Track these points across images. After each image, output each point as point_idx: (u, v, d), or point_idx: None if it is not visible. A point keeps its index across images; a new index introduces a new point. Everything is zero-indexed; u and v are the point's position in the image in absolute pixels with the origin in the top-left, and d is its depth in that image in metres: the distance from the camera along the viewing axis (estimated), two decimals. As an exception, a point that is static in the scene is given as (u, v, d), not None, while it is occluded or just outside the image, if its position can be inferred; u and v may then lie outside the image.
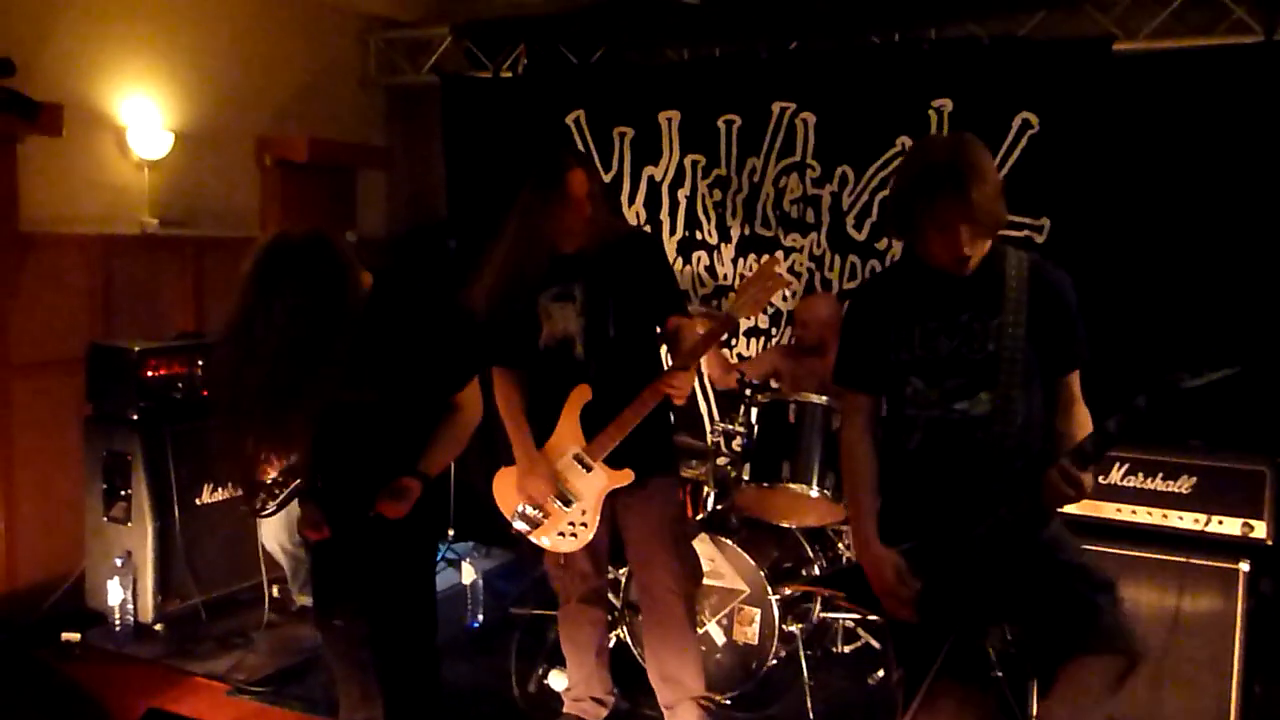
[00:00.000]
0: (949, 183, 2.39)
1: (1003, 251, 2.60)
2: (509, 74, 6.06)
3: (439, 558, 5.55)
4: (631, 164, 5.66)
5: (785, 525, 4.25)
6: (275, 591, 4.97)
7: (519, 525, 3.56)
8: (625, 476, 3.40)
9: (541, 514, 3.51)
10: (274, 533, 4.73)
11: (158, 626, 4.54)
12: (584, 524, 3.48)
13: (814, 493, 3.93)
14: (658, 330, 3.51)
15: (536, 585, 5.06)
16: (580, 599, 3.66)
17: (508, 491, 3.58)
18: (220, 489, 4.78)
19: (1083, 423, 2.58)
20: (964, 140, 2.49)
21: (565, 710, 3.81)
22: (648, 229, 5.53)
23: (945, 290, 2.59)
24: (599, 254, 3.39)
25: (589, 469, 3.42)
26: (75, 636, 4.41)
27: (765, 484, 4.04)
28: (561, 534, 3.52)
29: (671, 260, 5.44)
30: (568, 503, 3.47)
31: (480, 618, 4.76)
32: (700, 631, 3.96)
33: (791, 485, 4.00)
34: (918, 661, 2.57)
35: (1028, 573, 2.50)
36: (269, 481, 3.72)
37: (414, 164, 6.67)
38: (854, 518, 2.74)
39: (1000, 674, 3.50)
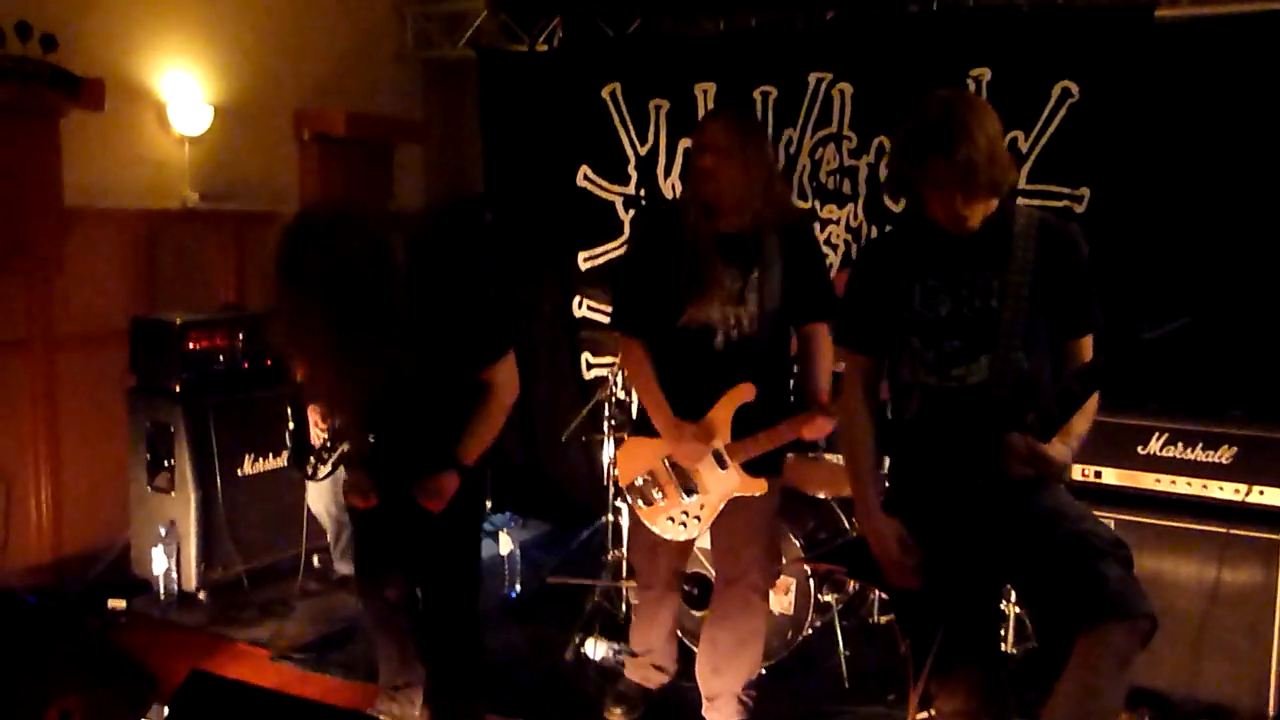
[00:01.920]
0: (938, 144, 2.34)
1: (1011, 209, 2.52)
2: (545, 47, 6.07)
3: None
4: (668, 136, 5.65)
5: (822, 496, 4.26)
6: (316, 560, 5.06)
7: (634, 499, 3.49)
8: (758, 486, 3.29)
9: (660, 494, 3.43)
10: (320, 495, 4.75)
11: (201, 594, 4.63)
12: (698, 518, 3.39)
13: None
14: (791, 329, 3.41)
15: (573, 555, 5.12)
16: (661, 584, 3.58)
17: (633, 460, 3.49)
18: (261, 459, 4.84)
19: None
20: (957, 99, 2.42)
21: (627, 674, 3.78)
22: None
23: (948, 248, 2.52)
24: (761, 241, 3.23)
25: (724, 467, 3.32)
26: (121, 604, 4.50)
27: (803, 455, 4.05)
28: (672, 519, 3.42)
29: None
30: (690, 492, 3.38)
31: (518, 588, 4.81)
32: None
33: (828, 456, 4.02)
34: (924, 631, 2.54)
35: (1027, 549, 2.43)
36: (318, 445, 3.81)
37: (450, 138, 6.71)
38: (855, 486, 2.69)
39: (1011, 650, 3.49)
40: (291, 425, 3.85)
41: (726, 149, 3.17)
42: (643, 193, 5.72)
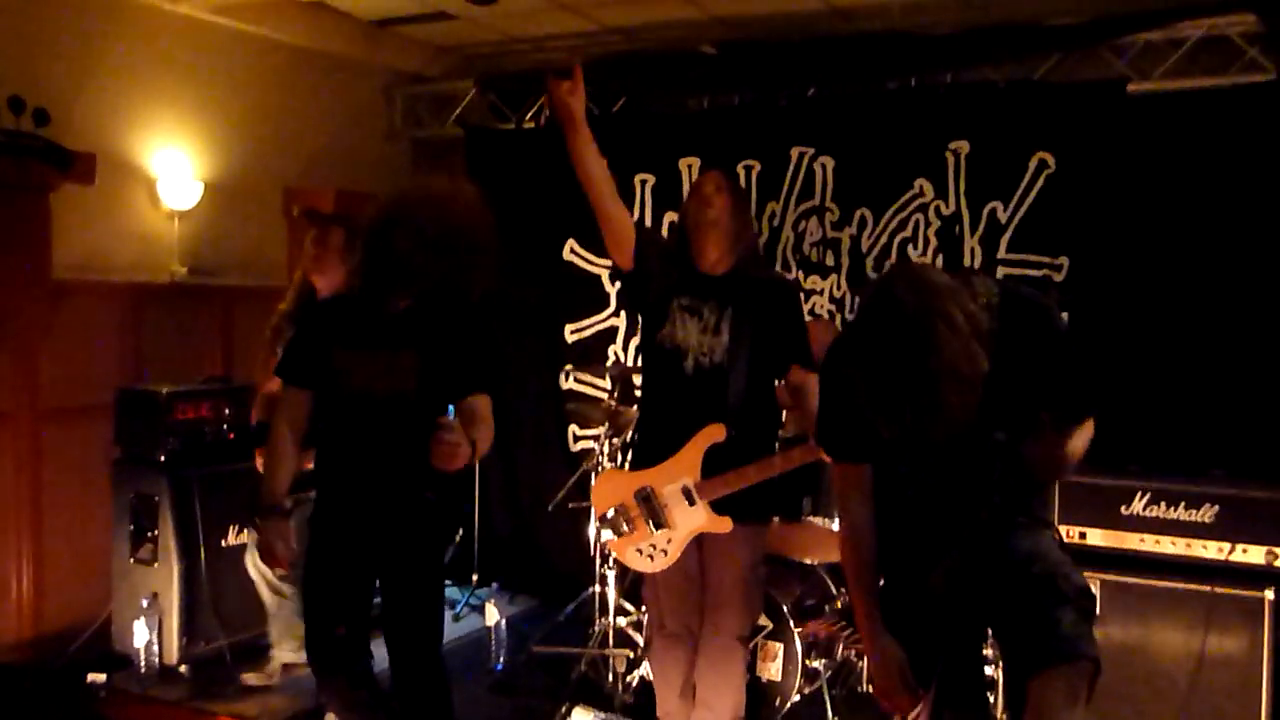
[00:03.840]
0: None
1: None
2: (531, 124, 6.22)
3: (462, 603, 5.62)
4: (653, 210, 5.79)
5: (808, 562, 4.29)
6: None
7: (604, 530, 3.64)
8: (723, 525, 3.42)
9: (629, 526, 3.56)
10: (258, 564, 4.45)
11: (183, 668, 4.59)
12: (664, 551, 3.51)
13: (837, 527, 3.98)
14: (777, 381, 3.57)
15: (560, 627, 5.12)
16: (668, 633, 3.65)
17: (606, 492, 3.64)
18: (246, 530, 4.83)
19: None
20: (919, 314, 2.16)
21: None
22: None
23: None
24: (739, 285, 3.46)
25: (692, 504, 3.45)
26: (101, 678, 4.46)
27: (787, 520, 4.09)
28: (639, 551, 3.55)
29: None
30: (659, 526, 3.51)
31: (504, 660, 4.80)
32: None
33: (814, 520, 4.07)
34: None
35: (999, 591, 2.46)
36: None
37: (438, 215, 6.82)
38: (857, 601, 2.62)
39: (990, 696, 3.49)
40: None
41: (723, 187, 3.46)
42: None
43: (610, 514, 3.59)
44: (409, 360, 3.10)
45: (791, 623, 4.00)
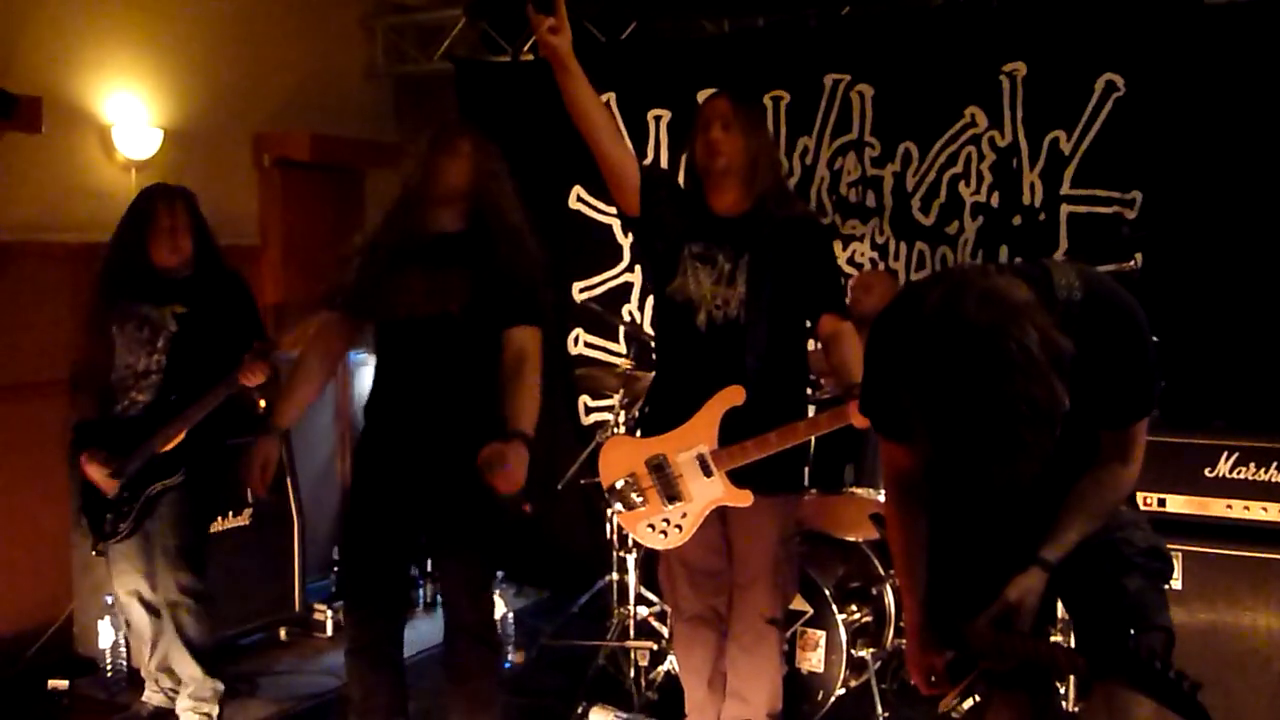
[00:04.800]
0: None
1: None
2: (530, 57, 6.19)
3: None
4: (670, 149, 5.76)
5: (851, 539, 4.28)
6: (284, 634, 5.09)
7: (614, 501, 3.65)
8: (743, 498, 3.42)
9: (641, 499, 3.57)
10: (128, 576, 4.16)
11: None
12: (679, 527, 3.53)
13: (883, 499, 3.96)
14: (807, 327, 3.58)
15: (574, 620, 5.13)
16: (689, 617, 3.68)
17: (615, 461, 3.64)
18: (221, 517, 4.85)
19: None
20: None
21: None
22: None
23: None
24: (759, 227, 3.44)
25: (709, 474, 3.45)
26: (63, 684, 4.50)
27: (827, 491, 4.08)
28: (652, 526, 3.56)
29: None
30: (673, 499, 3.52)
31: (512, 657, 4.81)
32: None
33: (857, 491, 4.05)
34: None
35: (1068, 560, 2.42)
36: (113, 497, 3.98)
37: (427, 161, 6.81)
38: (907, 603, 2.59)
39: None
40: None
41: (731, 122, 3.41)
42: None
43: (619, 485, 3.60)
44: (457, 279, 3.27)
45: (834, 607, 3.99)
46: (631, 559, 4.63)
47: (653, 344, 3.89)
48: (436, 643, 3.45)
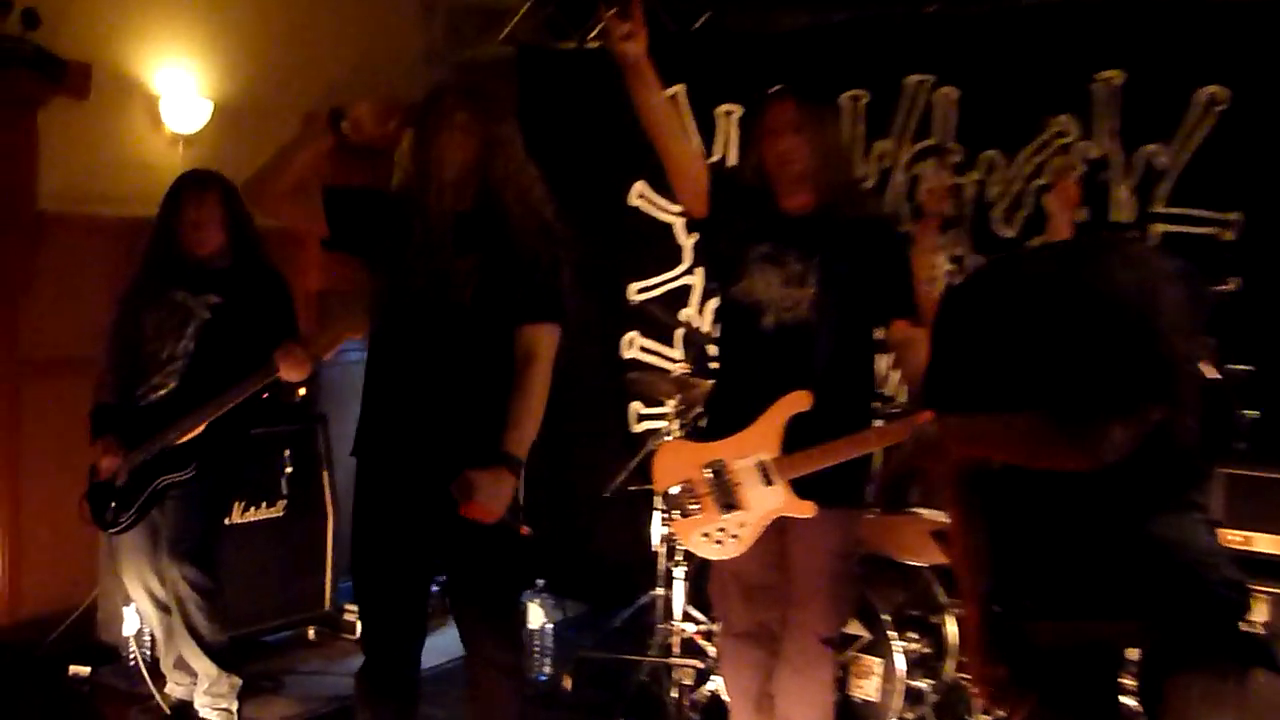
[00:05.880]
0: None
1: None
2: (596, 44, 6.25)
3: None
4: (741, 147, 5.76)
5: (913, 563, 4.30)
6: (312, 633, 5.17)
7: (667, 508, 3.67)
8: (805, 509, 3.44)
9: (696, 506, 3.58)
10: (137, 568, 4.31)
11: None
12: (735, 537, 3.53)
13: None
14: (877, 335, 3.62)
15: (614, 634, 5.17)
16: (739, 633, 3.71)
17: (671, 466, 3.67)
18: (253, 507, 4.96)
19: None
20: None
21: None
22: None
23: None
24: (831, 227, 3.49)
25: (769, 483, 3.48)
26: (84, 671, 4.59)
27: (889, 510, 4.10)
28: (706, 535, 3.57)
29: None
30: (729, 508, 3.53)
31: (548, 669, 4.86)
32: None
33: (922, 512, 4.06)
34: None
35: (1138, 579, 2.42)
36: (119, 486, 4.06)
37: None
38: (967, 607, 2.61)
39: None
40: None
41: (801, 126, 3.47)
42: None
43: (674, 491, 3.63)
44: (464, 265, 3.20)
45: (892, 634, 4.01)
46: (680, 573, 4.66)
47: (712, 349, 3.93)
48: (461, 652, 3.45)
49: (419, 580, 3.38)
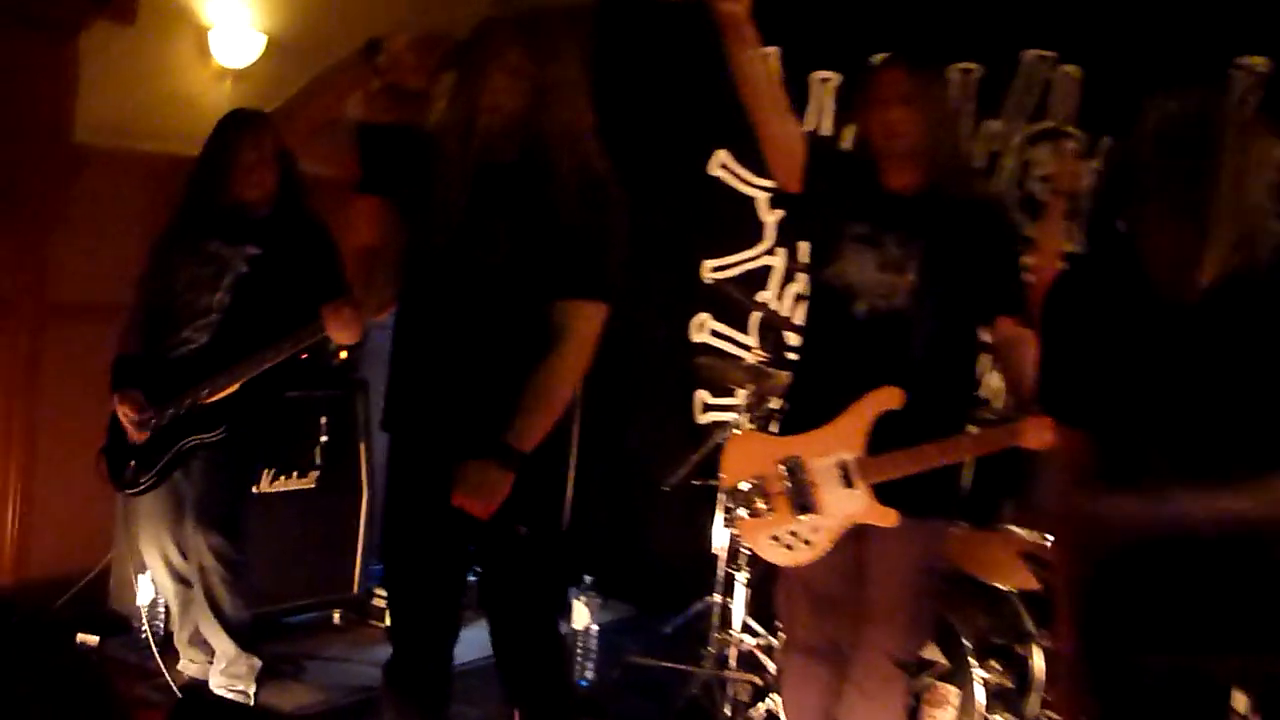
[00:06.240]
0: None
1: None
2: (685, -4, 6.24)
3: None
4: (836, 119, 5.79)
5: (1001, 587, 4.29)
6: (338, 617, 5.22)
7: (735, 507, 3.66)
8: (886, 517, 3.42)
9: (767, 505, 3.58)
10: (153, 534, 4.41)
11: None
12: (808, 542, 3.54)
13: (1049, 541, 3.95)
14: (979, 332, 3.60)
15: (664, 640, 5.20)
16: (805, 649, 3.71)
17: (743, 459, 3.70)
18: (283, 476, 5.03)
19: None
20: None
21: None
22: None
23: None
24: (937, 209, 3.47)
25: (850, 486, 3.47)
26: (93, 640, 4.64)
27: (979, 526, 4.09)
28: (776, 539, 3.57)
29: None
30: (804, 510, 3.53)
31: (591, 674, 4.88)
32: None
33: (1015, 530, 4.05)
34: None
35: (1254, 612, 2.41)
36: (140, 444, 4.12)
37: (552, 102, 6.90)
38: (1065, 624, 2.59)
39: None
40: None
41: (912, 97, 3.42)
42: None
43: (745, 486, 3.62)
44: (498, 224, 3.10)
45: (973, 663, 4.00)
46: (742, 578, 4.67)
47: (791, 337, 3.91)
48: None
49: (452, 570, 3.34)
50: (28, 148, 4.92)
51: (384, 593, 5.30)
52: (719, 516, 4.88)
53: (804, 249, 5.46)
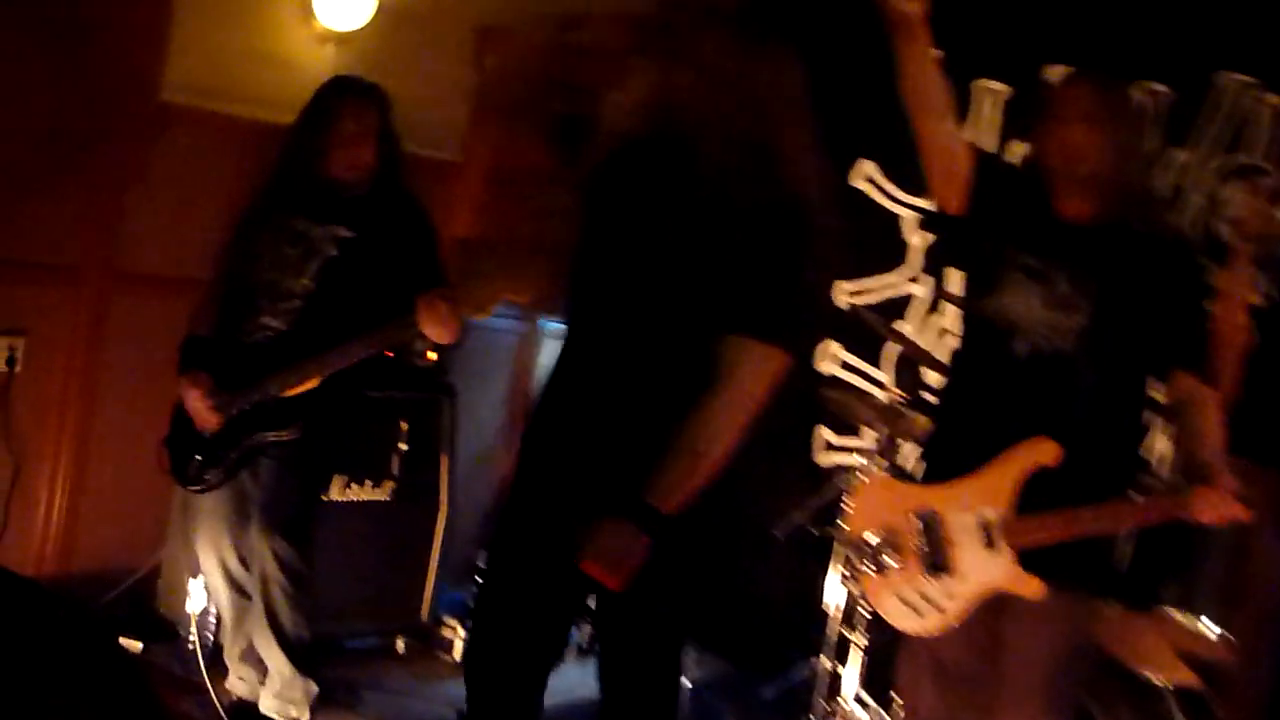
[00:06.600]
0: None
1: None
2: (850, -13, 6.19)
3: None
4: (1001, 135, 5.72)
5: (1154, 679, 4.16)
6: (402, 645, 5.20)
7: (858, 560, 3.64)
8: (1029, 586, 3.37)
9: (896, 561, 3.56)
10: (211, 538, 4.39)
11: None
12: (940, 609, 3.49)
13: (1213, 633, 3.85)
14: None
15: (763, 710, 5.11)
16: None
17: (873, 506, 3.72)
18: (355, 484, 5.02)
19: None
20: None
21: None
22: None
23: None
24: (1116, 243, 3.44)
25: (991, 547, 3.43)
26: (136, 646, 4.67)
27: (1134, 608, 3.97)
28: (903, 601, 3.54)
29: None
30: (938, 570, 3.49)
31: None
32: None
33: (1175, 615, 3.93)
34: None
35: None
36: (208, 437, 4.12)
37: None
38: None
39: None
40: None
41: (1098, 118, 3.40)
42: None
43: (872, 539, 3.59)
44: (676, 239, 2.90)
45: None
46: (857, 642, 4.57)
47: (931, 376, 3.85)
48: (590, 694, 3.26)
49: (560, 621, 3.27)
50: (112, 101, 4.93)
51: (454, 620, 5.31)
52: (836, 570, 4.78)
53: (953, 277, 5.49)
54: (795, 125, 2.97)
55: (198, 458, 4.19)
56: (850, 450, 5.77)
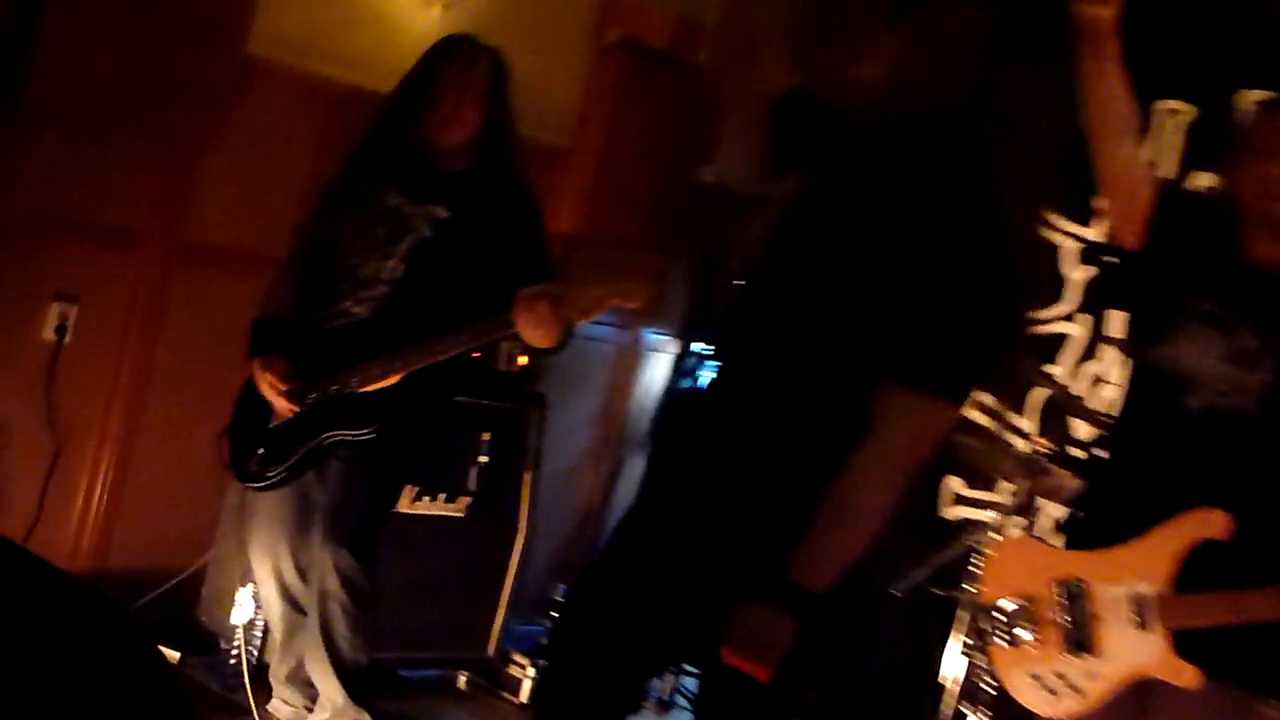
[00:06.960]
0: None
1: None
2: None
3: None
4: (1183, 161, 5.58)
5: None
6: (463, 681, 5.12)
7: (989, 630, 3.61)
8: (1184, 675, 3.31)
9: (1033, 634, 3.52)
10: (266, 543, 4.38)
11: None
12: (1078, 691, 3.45)
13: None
14: None
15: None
16: None
17: (1009, 570, 3.70)
18: (428, 497, 4.97)
19: None
20: None
21: None
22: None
23: None
24: None
25: (1143, 626, 3.38)
26: (173, 656, 4.64)
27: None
28: (1038, 679, 3.51)
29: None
30: (1080, 648, 3.45)
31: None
32: None
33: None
34: None
35: None
36: (274, 428, 4.10)
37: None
38: None
39: None
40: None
41: None
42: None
43: (1008, 606, 3.55)
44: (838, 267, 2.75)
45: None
46: (976, 721, 4.48)
47: (1081, 428, 3.75)
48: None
49: (652, 657, 3.28)
50: (194, 51, 4.91)
51: (524, 660, 5.24)
52: (958, 638, 4.68)
53: (1114, 319, 5.35)
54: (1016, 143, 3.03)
55: (260, 451, 4.13)
56: (983, 504, 5.64)
